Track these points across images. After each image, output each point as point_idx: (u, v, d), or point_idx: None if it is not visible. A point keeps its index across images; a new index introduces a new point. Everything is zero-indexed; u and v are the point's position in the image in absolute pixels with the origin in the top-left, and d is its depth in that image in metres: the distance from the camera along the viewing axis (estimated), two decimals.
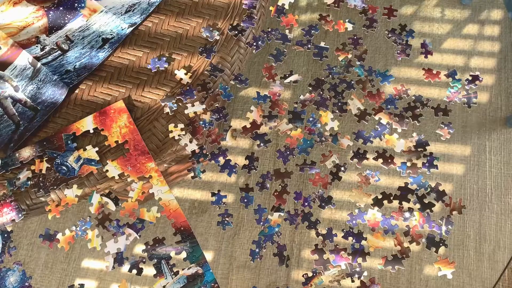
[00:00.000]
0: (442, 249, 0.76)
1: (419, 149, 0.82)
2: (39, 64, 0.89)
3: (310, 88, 0.86)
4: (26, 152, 0.84)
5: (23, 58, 0.89)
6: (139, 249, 0.77)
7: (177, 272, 0.76)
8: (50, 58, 0.90)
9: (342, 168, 0.81)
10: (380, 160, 0.82)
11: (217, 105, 0.87)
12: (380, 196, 0.79)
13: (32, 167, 0.83)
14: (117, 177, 0.82)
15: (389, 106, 0.85)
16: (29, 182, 0.82)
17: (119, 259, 0.77)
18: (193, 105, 0.86)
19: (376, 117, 0.84)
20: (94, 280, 1.15)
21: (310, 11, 1.27)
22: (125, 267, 0.76)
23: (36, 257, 1.14)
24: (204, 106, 0.86)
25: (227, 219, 0.80)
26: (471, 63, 1.28)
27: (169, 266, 0.76)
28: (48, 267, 1.15)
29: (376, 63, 1.23)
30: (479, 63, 1.27)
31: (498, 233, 1.15)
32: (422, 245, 0.76)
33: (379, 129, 0.83)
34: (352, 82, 0.86)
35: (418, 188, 0.79)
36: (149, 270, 0.77)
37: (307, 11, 1.26)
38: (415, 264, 1.10)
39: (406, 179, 0.80)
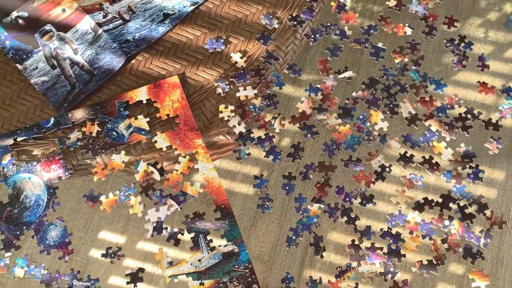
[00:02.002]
0: (478, 261, 0.78)
1: (465, 160, 0.85)
2: (100, 30, 0.94)
3: (363, 86, 0.90)
4: (79, 114, 0.89)
5: (86, 23, 0.95)
6: (178, 220, 0.82)
7: (214, 248, 0.80)
8: (111, 26, 0.95)
9: (387, 169, 0.85)
10: (426, 166, 0.85)
11: (268, 91, 0.91)
12: (421, 201, 0.83)
13: (83, 129, 0.88)
14: (164, 149, 0.87)
15: (440, 114, 0.88)
16: (78, 143, 0.87)
17: (158, 227, 0.81)
18: (245, 89, 0.91)
19: (426, 123, 0.88)
20: (131, 246, 1.21)
21: (370, 11, 1.30)
22: (163, 237, 0.81)
23: (76, 216, 1.21)
24: (255, 91, 0.91)
25: (267, 203, 0.84)
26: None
27: (206, 241, 0.81)
28: (87, 227, 1.22)
29: (431, 70, 1.27)
30: None
31: None
32: (458, 254, 0.79)
33: (428, 135, 0.87)
34: (406, 85, 0.90)
35: (460, 198, 0.82)
36: (186, 243, 0.82)
37: (367, 11, 1.30)
38: (448, 272, 1.12)
39: (449, 187, 0.83)
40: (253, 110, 0.89)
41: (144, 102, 0.90)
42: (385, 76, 0.91)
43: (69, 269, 0.81)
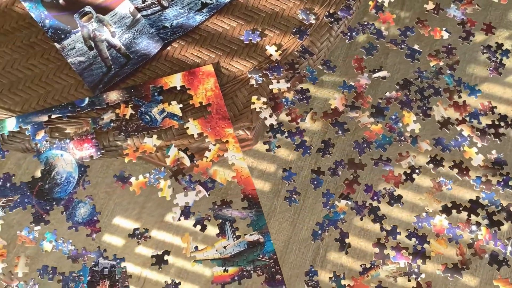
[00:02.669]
0: (504, 269, 0.79)
1: (496, 167, 0.86)
2: (139, 15, 0.97)
3: (397, 87, 0.91)
4: (113, 96, 0.92)
5: (125, 7, 0.97)
6: (206, 207, 0.84)
7: (239, 236, 0.82)
8: (149, 11, 0.97)
9: (417, 171, 0.86)
10: (456, 170, 0.86)
11: (301, 86, 0.93)
12: (449, 205, 0.83)
13: (117, 111, 0.90)
14: (196, 136, 0.89)
15: (472, 120, 0.89)
16: (111, 124, 0.89)
17: (186, 212, 0.83)
18: (278, 82, 0.92)
19: (458, 128, 0.88)
20: (157, 229, 1.24)
21: (408, 12, 1.31)
22: (190, 222, 0.83)
23: (106, 196, 1.25)
24: (288, 85, 0.92)
25: (294, 196, 0.85)
26: None
27: (233, 229, 0.82)
28: (115, 207, 1.25)
29: (466, 75, 1.28)
30: None
31: None
32: (484, 260, 0.80)
33: (459, 139, 0.87)
34: (440, 89, 0.91)
35: (489, 204, 0.83)
36: (212, 229, 0.83)
37: (405, 12, 1.31)
38: (472, 277, 1.12)
39: (478, 193, 0.84)
40: (285, 103, 0.91)
41: (178, 88, 0.92)
42: (419, 78, 0.92)
43: (96, 247, 0.84)
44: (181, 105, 0.91)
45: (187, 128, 0.89)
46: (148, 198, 1.28)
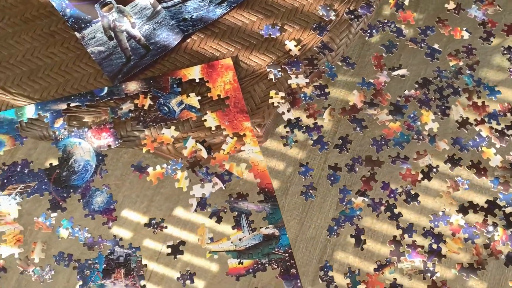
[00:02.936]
0: None
1: None
2: (159, 7, 0.97)
3: (416, 86, 0.91)
4: (132, 86, 0.92)
5: None
6: (222, 199, 0.84)
7: (255, 229, 0.82)
8: (170, 3, 0.98)
9: (434, 170, 0.86)
10: (473, 170, 0.86)
11: (320, 81, 0.93)
12: (466, 204, 0.84)
13: (136, 101, 0.91)
14: (213, 128, 0.89)
15: (491, 120, 0.89)
16: (130, 114, 0.90)
17: (202, 203, 0.84)
18: (297, 77, 0.93)
19: (477, 128, 0.88)
20: (173, 219, 1.27)
21: (428, 12, 1.31)
22: (206, 213, 0.83)
23: (122, 185, 1.26)
24: (307, 80, 0.93)
25: (310, 191, 0.86)
26: None
27: (248, 222, 0.83)
28: (132, 196, 1.26)
29: (485, 76, 1.27)
30: None
31: None
32: (500, 261, 0.80)
33: (477, 140, 0.88)
34: (459, 89, 0.91)
35: (506, 205, 0.83)
36: (228, 221, 0.84)
37: (425, 12, 1.31)
38: (487, 277, 1.12)
39: (495, 194, 0.84)
40: (303, 98, 0.91)
41: (197, 80, 0.93)
42: (438, 78, 0.92)
43: (112, 235, 0.84)
44: (199, 98, 0.91)
45: (205, 120, 0.90)
46: (164, 189, 1.29)
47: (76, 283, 0.82)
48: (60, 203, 0.85)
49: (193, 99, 0.91)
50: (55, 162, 0.88)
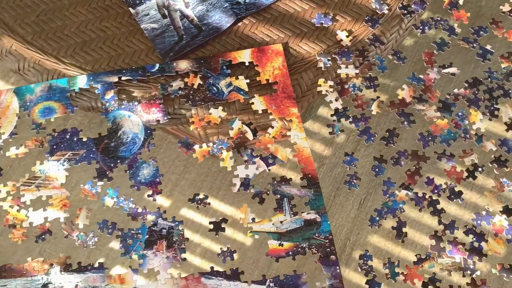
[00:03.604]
0: None
1: None
2: None
3: (466, 85, 0.92)
4: (183, 65, 0.94)
5: None
6: (265, 181, 0.86)
7: (296, 213, 0.84)
8: None
9: (480, 169, 0.86)
10: None
11: (370, 73, 0.94)
12: (511, 206, 0.84)
13: (186, 80, 0.93)
14: (260, 112, 0.91)
15: None
16: (179, 92, 0.92)
17: (245, 184, 0.85)
18: (346, 67, 0.94)
19: None
20: (217, 196, 1.30)
21: (482, 12, 1.32)
22: (249, 194, 0.85)
23: (169, 160, 1.29)
24: (357, 71, 0.94)
25: (354, 181, 0.87)
26: None
27: (290, 206, 0.84)
28: (177, 172, 1.29)
29: None
30: None
31: None
32: None
33: None
34: (510, 91, 0.91)
35: None
36: (270, 203, 0.85)
37: (480, 12, 1.31)
38: None
39: None
40: (352, 89, 0.92)
41: (247, 64, 0.94)
42: (489, 79, 0.93)
43: (156, 207, 0.87)
44: (248, 81, 0.93)
45: (252, 103, 0.91)
46: (210, 167, 1.31)
47: (118, 251, 0.84)
48: (107, 173, 0.88)
49: (242, 82, 0.93)
50: (104, 133, 0.90)
